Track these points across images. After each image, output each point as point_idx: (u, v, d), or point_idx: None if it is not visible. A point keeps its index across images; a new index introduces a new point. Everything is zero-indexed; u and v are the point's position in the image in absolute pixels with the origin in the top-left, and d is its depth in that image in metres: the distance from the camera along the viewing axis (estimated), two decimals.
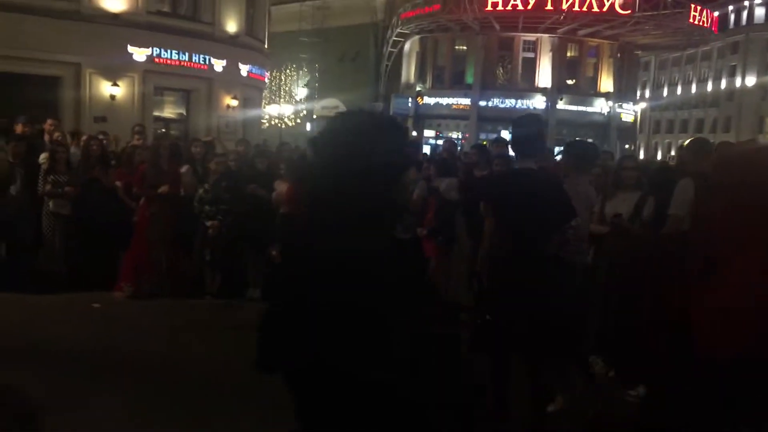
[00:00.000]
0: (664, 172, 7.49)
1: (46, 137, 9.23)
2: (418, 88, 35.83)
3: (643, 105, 43.06)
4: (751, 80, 53.25)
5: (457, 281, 7.35)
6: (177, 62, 18.72)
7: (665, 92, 62.94)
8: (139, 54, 17.66)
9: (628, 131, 37.07)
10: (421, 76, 36.50)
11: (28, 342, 6.13)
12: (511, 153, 5.61)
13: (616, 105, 34.69)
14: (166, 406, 4.80)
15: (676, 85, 62.71)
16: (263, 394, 5.10)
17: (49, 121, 9.41)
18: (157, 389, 5.13)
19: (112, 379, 5.28)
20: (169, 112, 20.07)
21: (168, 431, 4.40)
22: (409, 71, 37.42)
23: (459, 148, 16.73)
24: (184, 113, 20.14)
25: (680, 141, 34.70)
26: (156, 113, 19.07)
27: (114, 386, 5.13)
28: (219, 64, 19.90)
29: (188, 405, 4.84)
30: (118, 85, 17.32)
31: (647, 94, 60.22)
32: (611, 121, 34.31)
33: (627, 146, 35.33)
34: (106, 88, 17.21)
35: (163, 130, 18.54)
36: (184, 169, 8.47)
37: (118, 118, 15.65)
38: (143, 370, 5.55)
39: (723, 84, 56.28)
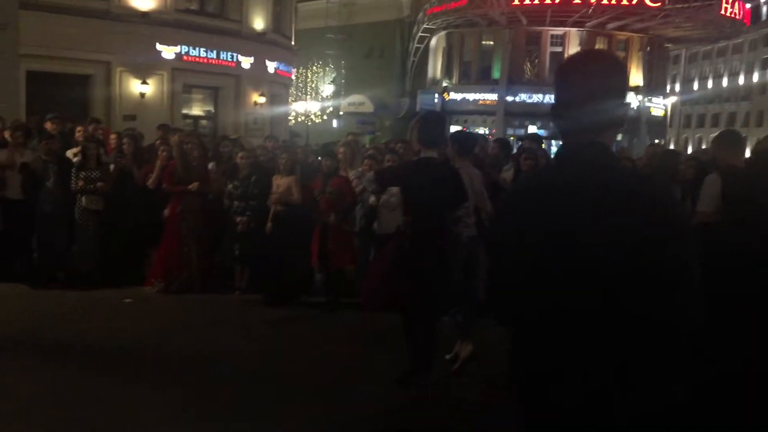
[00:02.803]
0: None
1: (78, 135, 9.35)
2: (444, 84, 35.69)
3: (673, 99, 42.42)
4: None
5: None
6: (205, 60, 18.87)
7: (696, 86, 61.98)
8: (168, 52, 17.83)
9: (658, 125, 36.54)
10: (447, 71, 36.35)
11: (64, 337, 6.25)
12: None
13: (646, 99, 34.22)
14: (200, 400, 4.85)
15: (707, 78, 61.71)
16: (297, 386, 5.17)
17: (78, 128, 9.56)
18: (190, 383, 5.18)
19: (147, 373, 5.36)
20: (197, 109, 20.23)
21: (203, 424, 4.43)
22: (435, 67, 37.27)
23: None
24: (212, 110, 20.29)
25: (711, 135, 34.15)
26: (185, 111, 19.24)
27: (148, 380, 5.20)
28: (246, 62, 20.01)
29: (222, 398, 4.88)
30: (147, 83, 17.50)
31: (677, 87, 59.33)
32: (641, 115, 33.83)
33: (657, 141, 34.84)
34: (135, 86, 17.40)
35: (183, 128, 18.62)
36: (212, 165, 8.55)
37: (148, 116, 15.79)
38: (177, 364, 5.63)
39: (755, 77, 55.23)
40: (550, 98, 26.33)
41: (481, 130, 32.62)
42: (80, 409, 4.62)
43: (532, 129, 29.86)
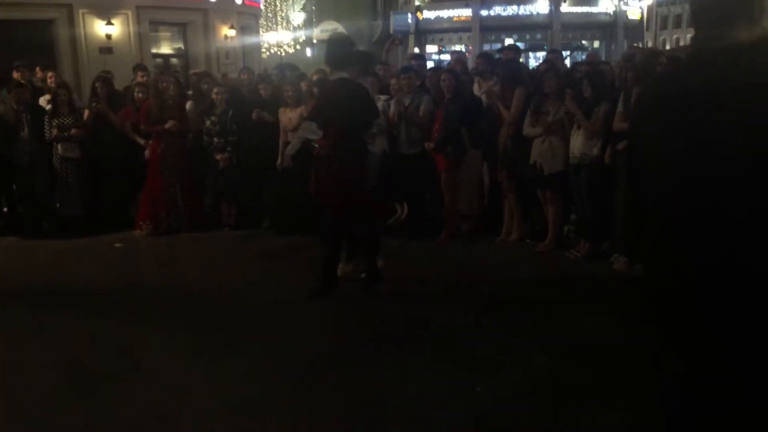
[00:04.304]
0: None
1: (50, 81, 9.10)
2: (417, 3, 34.90)
3: (649, 1, 41.73)
4: None
5: (465, 193, 7.38)
6: None
7: None
8: None
9: (635, 29, 36.12)
10: None
11: (57, 285, 6.27)
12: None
13: (622, 3, 33.69)
14: (197, 336, 4.91)
15: None
16: (292, 318, 5.25)
17: (49, 74, 9.26)
18: (188, 320, 5.24)
19: (143, 314, 5.40)
20: (167, 47, 19.72)
21: (201, 361, 4.50)
22: None
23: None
24: (182, 47, 19.80)
25: (689, 36, 33.80)
26: (154, 50, 18.75)
27: (145, 320, 5.24)
28: None
29: (220, 333, 4.94)
30: (112, 24, 16.98)
31: None
32: (618, 19, 33.39)
33: (635, 44, 34.51)
34: (100, 28, 16.87)
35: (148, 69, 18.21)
36: (188, 103, 8.40)
37: (117, 58, 15.40)
38: (172, 303, 5.67)
39: None
40: (525, 9, 25.84)
41: (457, 48, 32.15)
42: (80, 350, 4.68)
43: (509, 42, 29.41)
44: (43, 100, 8.42)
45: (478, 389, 3.92)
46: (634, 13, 35.39)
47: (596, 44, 33.95)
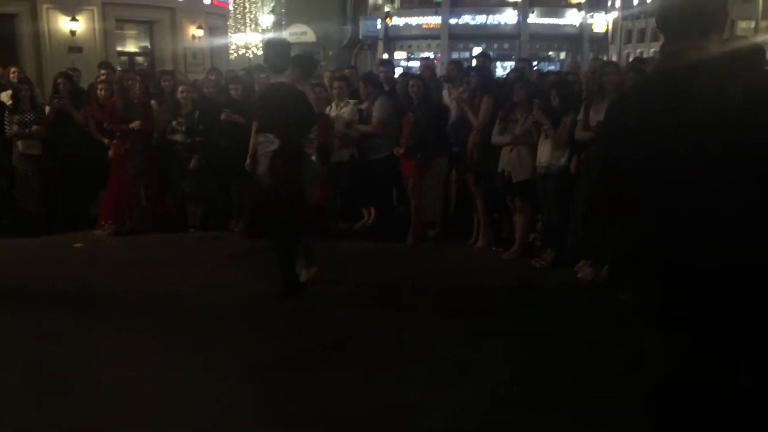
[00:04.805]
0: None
1: (12, 77, 8.88)
2: (386, 9, 35.00)
3: (615, 14, 42.44)
4: None
5: (429, 198, 7.41)
6: None
7: (636, 1, 62.07)
8: None
9: (600, 42, 36.74)
10: None
11: (15, 283, 6.11)
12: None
13: (588, 16, 34.24)
14: (158, 338, 4.82)
15: None
16: (257, 321, 5.19)
17: (12, 69, 9.04)
18: (148, 322, 5.14)
19: (102, 315, 5.28)
20: (132, 45, 19.47)
21: (163, 362, 4.42)
22: None
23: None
24: (149, 46, 19.55)
25: (652, 50, 34.41)
26: (119, 48, 18.49)
27: (106, 321, 5.13)
28: None
29: (181, 335, 4.87)
30: (77, 20, 16.69)
31: (618, 3, 59.34)
32: (583, 32, 33.93)
33: (599, 57, 35.05)
34: (64, 24, 16.58)
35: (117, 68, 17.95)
36: (153, 102, 8.26)
37: (82, 55, 15.17)
38: (132, 305, 5.56)
39: None
40: (493, 19, 26.13)
41: (426, 55, 32.30)
42: (40, 352, 4.56)
43: (478, 51, 29.62)
44: (5, 96, 8.21)
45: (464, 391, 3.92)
46: (599, 26, 35.97)
47: (562, 55, 34.42)
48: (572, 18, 33.93)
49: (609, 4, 42.85)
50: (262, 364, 4.34)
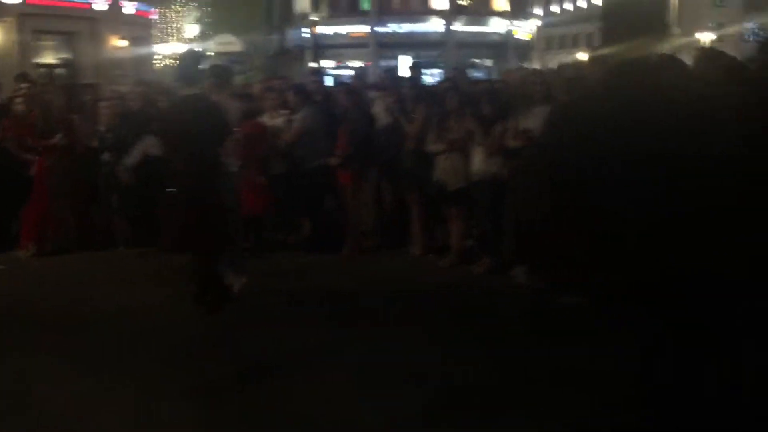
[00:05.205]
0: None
1: None
2: (313, 18, 34.91)
3: (538, 22, 43.57)
4: None
5: (366, 208, 7.42)
6: (55, 2, 17.48)
7: (558, 8, 63.93)
8: None
9: (524, 49, 37.60)
10: (315, 4, 35.51)
11: None
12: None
13: (512, 24, 35.02)
14: (89, 360, 4.64)
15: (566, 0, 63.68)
16: (192, 338, 5.05)
17: None
18: (78, 344, 4.95)
19: (27, 339, 5.04)
20: (52, 57, 18.84)
21: (93, 385, 4.25)
22: (303, 0, 36.32)
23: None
24: (69, 57, 18.97)
25: (570, 57, 35.43)
26: (37, 60, 17.87)
27: (29, 345, 4.92)
28: (101, 3, 18.72)
29: (113, 356, 4.71)
30: None
31: (540, 11, 61.00)
32: (508, 40, 34.68)
33: (522, 64, 35.89)
34: None
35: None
36: (75, 116, 7.96)
37: None
38: (56, 326, 5.32)
39: None
40: (420, 27, 26.39)
41: (354, 64, 32.35)
42: None
43: (405, 59, 29.82)
44: None
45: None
46: (522, 34, 36.84)
47: (488, 63, 35.06)
48: (497, 26, 34.63)
49: (531, 11, 43.94)
50: (201, 384, 4.21)
